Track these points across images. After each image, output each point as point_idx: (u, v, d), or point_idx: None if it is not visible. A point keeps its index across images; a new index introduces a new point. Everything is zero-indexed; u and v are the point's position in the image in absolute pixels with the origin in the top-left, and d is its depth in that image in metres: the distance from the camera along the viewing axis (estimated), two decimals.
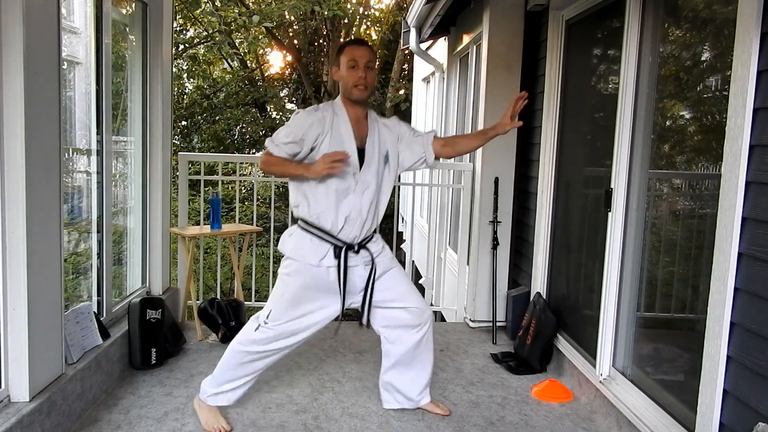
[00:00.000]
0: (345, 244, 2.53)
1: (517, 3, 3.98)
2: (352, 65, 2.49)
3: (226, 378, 2.67)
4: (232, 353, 2.65)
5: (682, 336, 2.63)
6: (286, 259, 2.58)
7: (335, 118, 2.51)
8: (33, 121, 2.25)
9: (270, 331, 2.59)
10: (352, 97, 2.53)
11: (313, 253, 2.52)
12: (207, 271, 8.35)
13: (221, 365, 2.68)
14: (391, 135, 2.64)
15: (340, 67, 2.53)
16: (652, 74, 2.71)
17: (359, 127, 2.55)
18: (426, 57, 6.94)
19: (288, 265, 2.57)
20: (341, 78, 2.53)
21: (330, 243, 2.52)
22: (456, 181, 4.61)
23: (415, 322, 2.68)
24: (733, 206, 1.92)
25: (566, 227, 3.57)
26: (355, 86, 2.50)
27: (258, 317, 2.64)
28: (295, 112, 2.55)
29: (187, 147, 13.19)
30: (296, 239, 2.56)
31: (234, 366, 2.65)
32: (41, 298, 2.37)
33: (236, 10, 12.01)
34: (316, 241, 2.52)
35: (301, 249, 2.53)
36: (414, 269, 7.19)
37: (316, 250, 2.52)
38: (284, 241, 2.60)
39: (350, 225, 2.52)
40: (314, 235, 2.53)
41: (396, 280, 2.68)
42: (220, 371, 2.68)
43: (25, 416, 2.23)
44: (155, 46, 3.72)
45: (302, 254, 2.52)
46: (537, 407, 3.02)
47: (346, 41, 2.78)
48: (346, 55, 2.51)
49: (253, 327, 2.62)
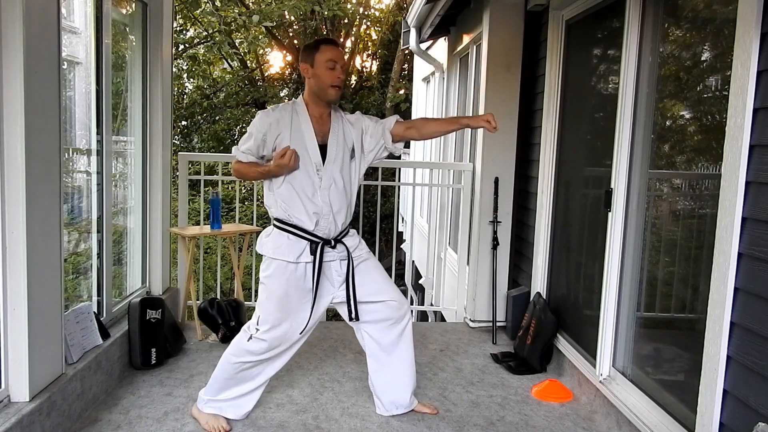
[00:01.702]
0: (321, 240, 2.54)
1: (517, 3, 3.98)
2: (331, 66, 2.48)
3: (222, 387, 2.65)
4: (227, 365, 2.63)
5: (682, 336, 2.63)
6: (266, 260, 2.58)
7: (294, 116, 2.53)
8: (33, 121, 2.25)
9: (263, 342, 2.57)
10: (328, 97, 2.53)
11: (290, 251, 2.52)
12: (207, 271, 8.35)
13: (215, 377, 2.67)
14: (355, 129, 2.65)
15: (314, 64, 2.50)
16: (652, 74, 2.71)
17: (321, 124, 2.56)
18: (426, 57, 6.94)
19: (267, 267, 2.56)
20: (316, 77, 2.51)
21: (306, 240, 2.53)
22: (456, 181, 4.61)
23: (394, 315, 2.70)
24: (733, 206, 1.92)
25: (566, 227, 3.57)
26: (332, 86, 2.50)
27: (248, 327, 2.62)
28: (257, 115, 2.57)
29: (187, 147, 13.19)
30: (274, 239, 2.56)
31: (230, 376, 2.64)
32: (41, 298, 2.37)
33: (236, 10, 12.02)
34: (293, 238, 2.53)
35: (280, 248, 2.53)
36: (414, 269, 7.19)
37: (294, 247, 2.52)
38: (262, 242, 2.60)
39: (324, 220, 2.54)
40: (290, 233, 2.53)
41: (373, 275, 2.69)
42: (214, 381, 2.67)
43: (25, 416, 2.23)
44: (155, 46, 3.72)
45: (280, 252, 2.53)
46: (537, 407, 3.02)
47: (319, 39, 2.75)
48: (323, 54, 2.49)
49: (245, 337, 2.60)
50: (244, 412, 2.71)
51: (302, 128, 2.52)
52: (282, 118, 2.51)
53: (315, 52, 2.51)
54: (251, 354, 2.59)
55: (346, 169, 2.58)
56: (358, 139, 2.64)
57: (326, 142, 2.55)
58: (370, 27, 13.98)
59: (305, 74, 2.55)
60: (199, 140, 13.73)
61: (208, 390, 2.69)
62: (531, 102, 4.00)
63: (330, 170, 2.53)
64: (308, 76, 2.54)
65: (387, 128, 2.66)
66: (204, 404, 2.69)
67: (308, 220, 2.52)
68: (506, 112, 4.02)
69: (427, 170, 5.60)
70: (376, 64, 14.29)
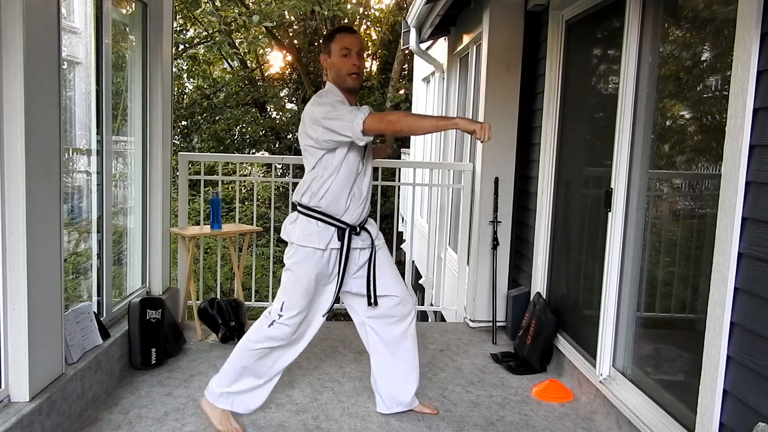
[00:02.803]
0: (348, 226, 2.55)
1: (517, 3, 3.98)
2: (345, 53, 2.49)
3: (237, 376, 2.60)
4: (245, 352, 2.58)
5: (682, 336, 2.63)
6: (292, 246, 2.56)
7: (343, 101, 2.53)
8: (33, 121, 2.25)
9: (286, 327, 2.55)
10: (346, 85, 2.53)
11: (320, 238, 2.52)
12: (207, 271, 8.34)
13: (231, 364, 2.61)
14: None
15: (330, 54, 2.52)
16: (652, 74, 2.71)
17: None
18: (426, 57, 6.94)
19: (295, 253, 2.54)
20: (332, 66, 2.52)
21: (334, 226, 2.54)
22: (456, 181, 4.61)
23: (400, 311, 2.70)
24: (733, 206, 1.92)
25: (566, 227, 3.57)
26: (349, 74, 2.50)
27: (269, 313, 2.58)
28: (316, 104, 2.45)
29: (187, 147, 13.19)
30: (302, 225, 2.54)
31: (247, 364, 2.59)
32: (41, 298, 2.37)
33: (236, 10, 12.01)
34: (322, 225, 2.53)
35: (310, 235, 2.52)
36: (414, 269, 7.19)
37: (323, 234, 2.53)
38: (288, 229, 2.58)
39: (354, 205, 2.55)
40: (319, 219, 2.53)
41: (385, 269, 2.71)
42: (230, 369, 2.61)
43: (25, 416, 2.23)
44: (155, 46, 3.72)
45: (311, 240, 2.52)
46: (537, 407, 3.02)
47: (335, 28, 2.74)
48: (337, 42, 2.49)
49: (266, 323, 2.56)
50: (254, 406, 2.68)
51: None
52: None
53: (330, 42, 2.52)
54: (272, 340, 2.57)
55: (369, 157, 2.63)
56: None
57: None
58: (370, 27, 13.97)
59: (325, 65, 2.56)
60: (199, 140, 13.72)
61: (221, 380, 2.63)
62: (531, 102, 4.00)
63: (366, 157, 2.59)
64: (328, 67, 2.55)
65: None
66: (217, 397, 2.62)
67: (344, 205, 2.53)
68: (506, 112, 4.02)
69: (427, 170, 5.60)
70: (376, 64, 14.29)
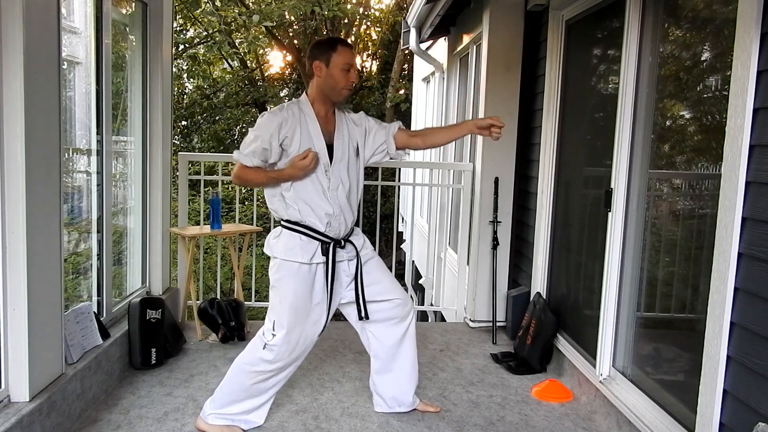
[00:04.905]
0: (332, 240, 2.53)
1: (517, 3, 3.98)
2: (347, 68, 2.46)
3: (233, 399, 2.58)
4: (241, 375, 2.56)
5: (682, 336, 2.63)
6: (275, 262, 2.53)
7: (302, 115, 2.48)
8: (33, 121, 2.25)
9: (280, 348, 2.49)
10: (338, 98, 2.52)
11: (303, 252, 2.48)
12: (207, 271, 8.35)
13: (226, 387, 2.58)
14: (359, 128, 2.64)
15: (329, 64, 2.46)
16: (652, 74, 2.71)
17: (326, 123, 2.53)
18: (426, 57, 6.94)
19: (279, 268, 2.51)
20: (330, 77, 2.46)
21: (318, 240, 2.51)
22: (456, 181, 4.61)
23: (399, 313, 2.69)
24: (733, 206, 1.92)
25: (566, 227, 3.57)
26: (345, 89, 2.49)
27: (263, 334, 2.53)
28: (260, 116, 2.49)
29: (187, 147, 13.20)
30: (285, 240, 2.51)
31: (244, 388, 2.56)
32: (41, 298, 2.37)
33: (236, 10, 12.01)
34: (306, 239, 2.50)
35: (292, 249, 2.49)
36: (414, 269, 7.19)
37: (306, 248, 2.49)
38: (271, 244, 2.54)
39: (335, 221, 2.52)
40: (302, 233, 2.50)
41: (378, 274, 2.69)
42: (226, 393, 2.58)
43: (25, 416, 2.23)
44: (155, 46, 3.72)
45: (293, 254, 2.48)
46: (537, 407, 3.02)
47: (336, 39, 2.72)
48: (341, 56, 2.45)
49: (260, 345, 2.51)
50: (255, 425, 2.65)
51: (310, 128, 2.48)
52: (290, 118, 2.44)
53: (332, 52, 2.45)
54: (267, 363, 2.51)
55: (352, 168, 2.57)
56: (362, 138, 2.63)
57: (332, 141, 2.52)
58: (370, 27, 13.97)
59: (317, 72, 2.49)
60: (199, 140, 13.73)
61: (215, 402, 2.60)
62: (531, 102, 4.00)
63: (337, 170, 2.51)
64: (320, 75, 2.48)
65: (391, 133, 2.65)
66: (215, 418, 2.59)
67: (319, 221, 2.49)
68: (506, 112, 4.02)
69: (427, 170, 5.60)
70: (376, 64, 14.29)
